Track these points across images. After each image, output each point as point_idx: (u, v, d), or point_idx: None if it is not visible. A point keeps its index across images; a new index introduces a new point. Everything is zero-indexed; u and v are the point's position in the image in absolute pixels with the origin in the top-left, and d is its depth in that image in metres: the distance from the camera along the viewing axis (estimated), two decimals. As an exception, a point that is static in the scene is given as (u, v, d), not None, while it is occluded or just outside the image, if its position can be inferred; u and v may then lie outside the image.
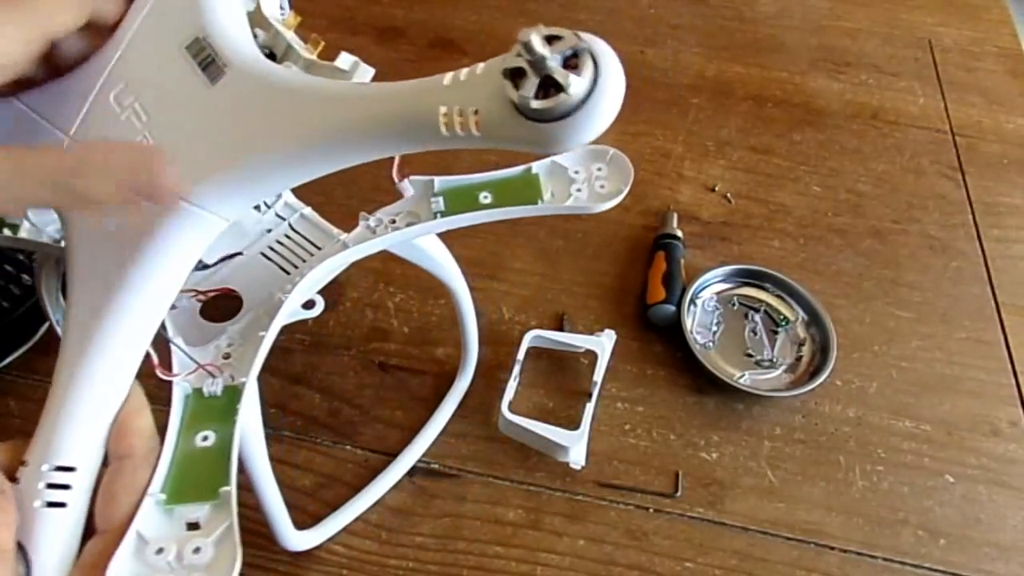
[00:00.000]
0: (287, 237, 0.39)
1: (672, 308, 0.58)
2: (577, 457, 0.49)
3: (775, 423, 0.54)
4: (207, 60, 0.28)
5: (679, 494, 0.50)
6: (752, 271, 0.61)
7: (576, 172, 0.38)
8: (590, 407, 0.52)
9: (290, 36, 0.30)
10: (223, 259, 0.39)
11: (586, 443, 0.50)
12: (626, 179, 0.37)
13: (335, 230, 0.39)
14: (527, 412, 0.51)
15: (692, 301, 0.59)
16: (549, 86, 0.23)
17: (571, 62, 0.23)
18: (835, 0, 0.93)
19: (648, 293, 0.59)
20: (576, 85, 0.23)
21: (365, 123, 0.26)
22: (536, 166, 0.38)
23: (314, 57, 0.31)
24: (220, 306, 0.36)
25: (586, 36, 0.24)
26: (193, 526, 0.27)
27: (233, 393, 0.32)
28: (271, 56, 0.30)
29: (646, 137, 0.74)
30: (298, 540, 0.44)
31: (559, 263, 0.63)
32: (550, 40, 0.23)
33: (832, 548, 0.49)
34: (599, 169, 0.38)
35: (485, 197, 0.37)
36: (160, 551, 0.25)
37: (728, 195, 0.69)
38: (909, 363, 0.58)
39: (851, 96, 0.80)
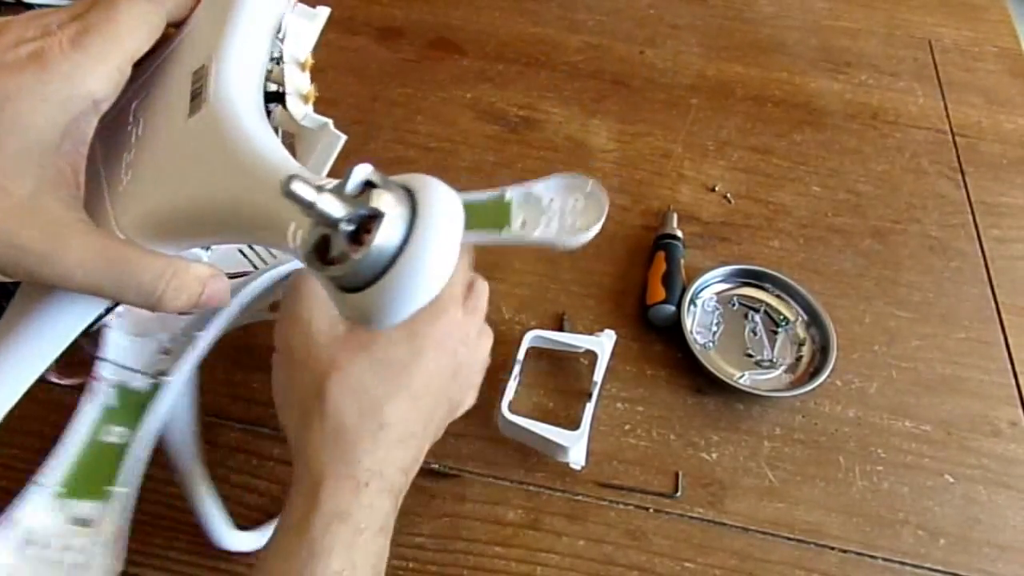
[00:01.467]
0: None
1: (672, 308, 0.58)
2: (577, 457, 0.49)
3: (775, 423, 0.54)
4: (198, 91, 0.26)
5: (679, 494, 0.50)
6: (752, 271, 0.61)
7: (551, 201, 0.36)
8: (590, 407, 0.52)
9: (290, 77, 0.28)
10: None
11: (586, 443, 0.50)
12: (600, 215, 0.36)
13: None
14: (527, 412, 0.51)
15: (692, 301, 0.59)
16: (334, 247, 0.19)
17: (366, 224, 0.19)
18: (835, 0, 0.92)
19: (648, 293, 0.59)
20: (358, 254, 0.19)
21: (237, 201, 0.24)
22: (511, 191, 0.36)
23: (305, 107, 0.28)
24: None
25: (415, 183, 0.20)
26: (84, 523, 0.26)
27: (157, 392, 0.31)
28: (277, 95, 0.27)
29: (646, 137, 0.74)
30: (233, 540, 0.43)
31: (559, 263, 0.63)
32: (370, 184, 0.19)
33: (832, 548, 0.49)
34: (576, 200, 0.37)
35: None
36: (46, 546, 0.25)
37: (728, 195, 0.69)
38: (909, 363, 0.58)
39: (851, 96, 0.80)
